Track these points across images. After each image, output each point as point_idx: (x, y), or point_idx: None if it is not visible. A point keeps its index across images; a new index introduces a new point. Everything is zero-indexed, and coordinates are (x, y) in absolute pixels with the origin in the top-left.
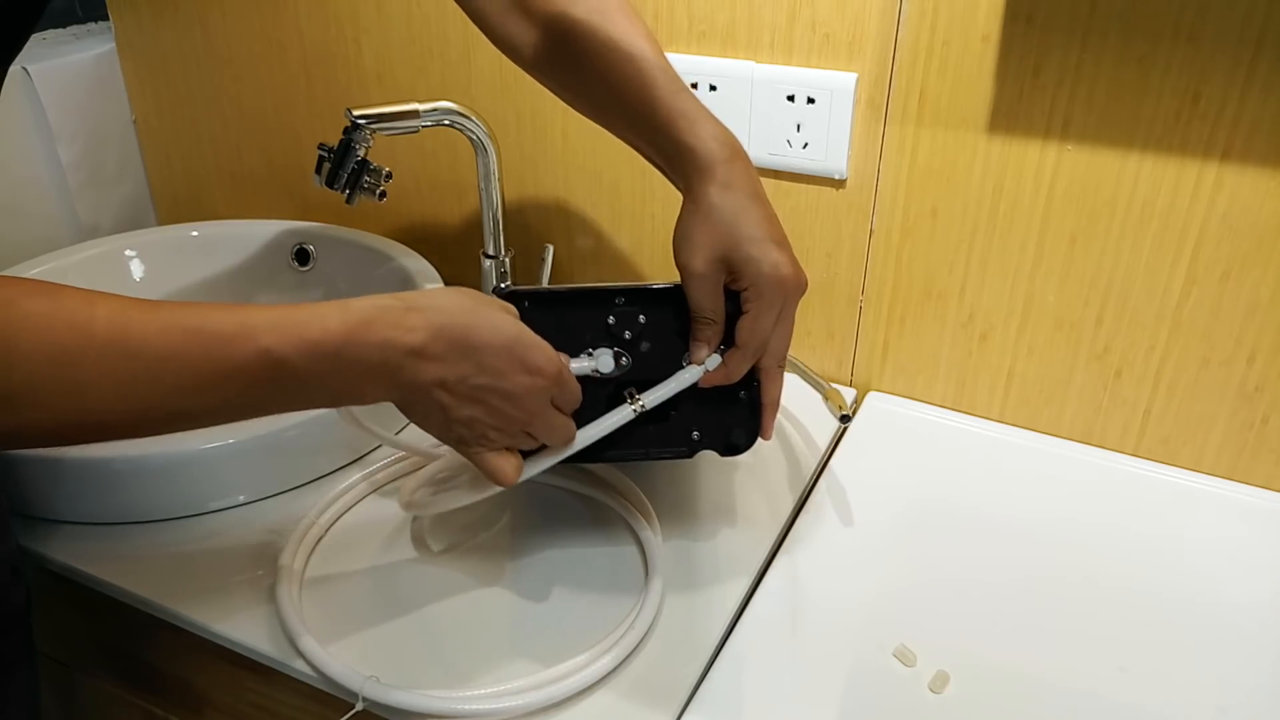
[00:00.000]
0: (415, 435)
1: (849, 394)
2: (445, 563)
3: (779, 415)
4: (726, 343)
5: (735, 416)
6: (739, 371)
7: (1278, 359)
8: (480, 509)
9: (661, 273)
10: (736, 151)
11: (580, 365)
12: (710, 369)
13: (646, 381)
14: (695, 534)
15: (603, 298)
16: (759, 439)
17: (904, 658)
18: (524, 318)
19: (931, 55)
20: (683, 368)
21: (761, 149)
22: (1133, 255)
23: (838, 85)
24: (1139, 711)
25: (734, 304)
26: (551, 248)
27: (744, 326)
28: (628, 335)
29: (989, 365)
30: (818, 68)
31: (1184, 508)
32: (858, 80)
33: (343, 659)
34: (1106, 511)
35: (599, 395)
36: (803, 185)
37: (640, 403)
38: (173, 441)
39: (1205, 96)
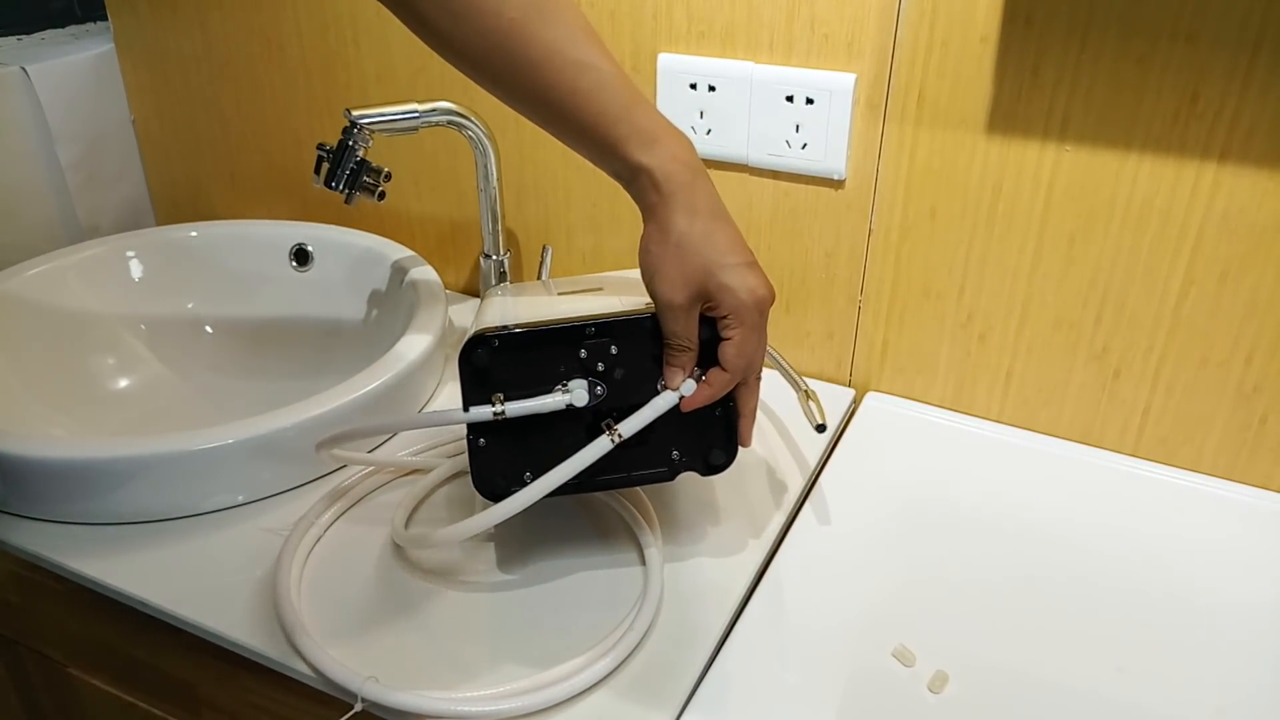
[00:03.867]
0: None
1: (845, 395)
2: (445, 563)
3: (778, 416)
4: (702, 364)
5: (713, 435)
6: (724, 392)
7: (1276, 359)
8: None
9: None
10: (697, 170)
11: (555, 400)
12: (686, 394)
13: (622, 407)
14: (694, 534)
15: (573, 333)
16: (739, 449)
17: (903, 658)
18: (494, 359)
19: (930, 55)
20: (658, 392)
21: (760, 149)
22: (1131, 255)
23: (836, 85)
24: (1137, 711)
25: (707, 327)
26: (551, 248)
27: (729, 352)
28: (601, 367)
29: (988, 365)
30: (817, 68)
31: (1182, 508)
32: (856, 80)
33: (342, 659)
34: (1105, 511)
35: (577, 424)
36: (801, 185)
37: (618, 433)
38: (172, 441)
39: (1204, 97)
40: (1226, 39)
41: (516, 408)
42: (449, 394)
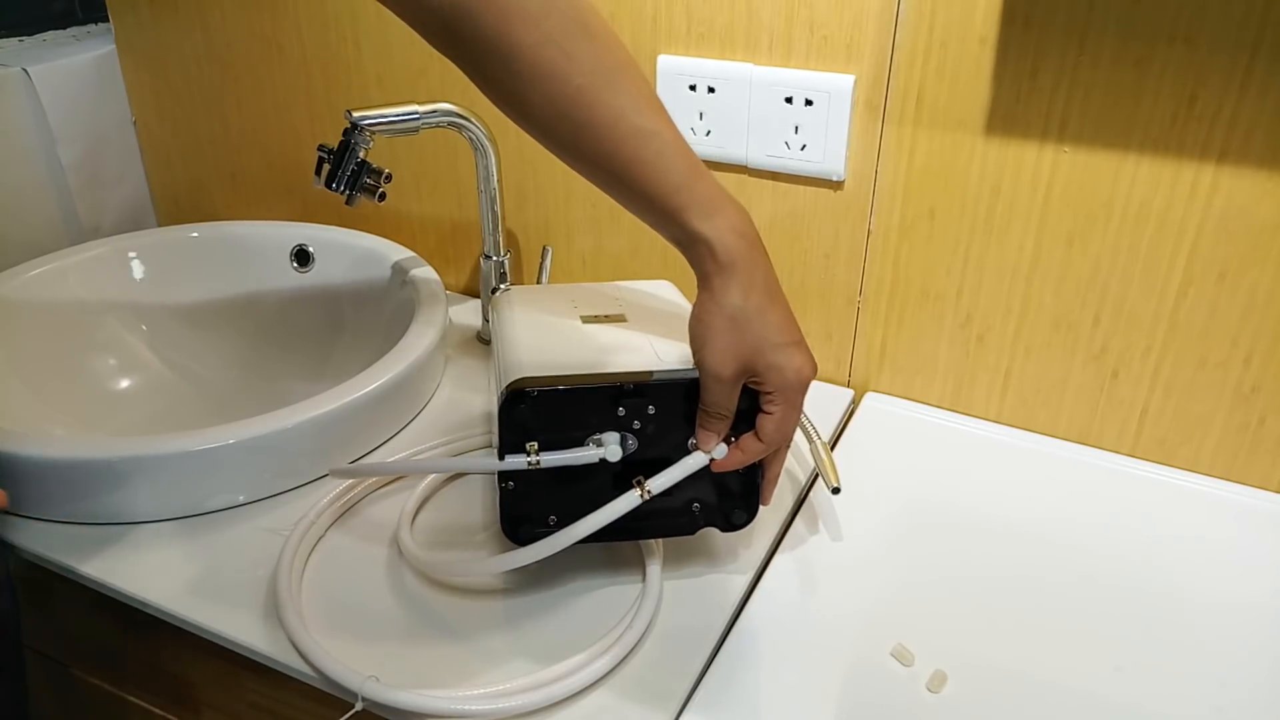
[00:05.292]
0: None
1: (844, 395)
2: None
3: None
4: (734, 427)
5: (735, 494)
6: (755, 460)
7: (1274, 360)
8: (482, 513)
9: (659, 275)
10: (754, 243)
11: (589, 454)
12: (718, 458)
13: (649, 459)
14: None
15: (614, 391)
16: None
17: (902, 657)
18: (531, 410)
19: (929, 57)
20: (689, 451)
21: (760, 151)
22: (1130, 256)
23: (836, 87)
24: (1135, 711)
25: (747, 396)
26: (551, 249)
27: (768, 426)
28: (637, 424)
29: (986, 366)
30: (816, 69)
31: (1180, 508)
32: (856, 82)
33: (342, 659)
34: (1103, 512)
35: (603, 472)
36: (801, 186)
37: (648, 490)
38: (172, 441)
39: (1202, 98)
40: (1225, 41)
41: (551, 459)
42: (448, 396)
